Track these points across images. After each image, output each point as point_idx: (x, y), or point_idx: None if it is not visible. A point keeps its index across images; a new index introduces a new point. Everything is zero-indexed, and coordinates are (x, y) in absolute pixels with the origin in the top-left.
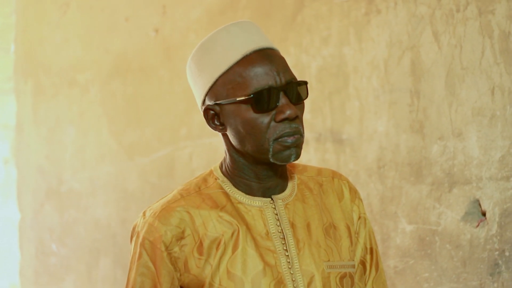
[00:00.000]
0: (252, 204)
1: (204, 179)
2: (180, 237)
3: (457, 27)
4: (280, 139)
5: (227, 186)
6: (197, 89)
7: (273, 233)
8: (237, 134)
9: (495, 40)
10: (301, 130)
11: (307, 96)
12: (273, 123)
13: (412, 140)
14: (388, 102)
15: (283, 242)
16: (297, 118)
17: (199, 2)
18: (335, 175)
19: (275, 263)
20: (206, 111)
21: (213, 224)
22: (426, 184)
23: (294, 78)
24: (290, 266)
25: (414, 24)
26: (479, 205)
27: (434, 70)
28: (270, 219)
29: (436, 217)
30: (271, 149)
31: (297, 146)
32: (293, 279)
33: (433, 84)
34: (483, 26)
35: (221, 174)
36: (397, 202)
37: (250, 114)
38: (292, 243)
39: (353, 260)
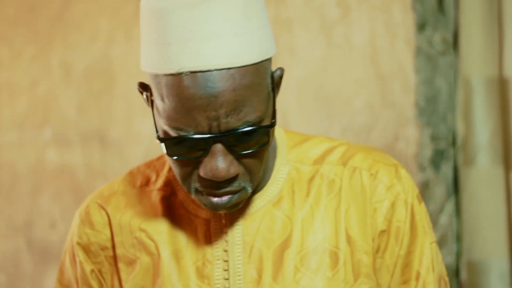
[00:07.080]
0: (197, 214)
1: (158, 170)
2: (104, 246)
3: None
4: (202, 194)
5: (176, 183)
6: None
7: (215, 260)
8: None
9: None
10: (238, 188)
11: (268, 141)
12: (196, 172)
13: None
14: None
15: (226, 278)
16: (237, 176)
17: None
18: (366, 164)
19: None
20: (140, 89)
21: (131, 242)
22: None
23: (246, 122)
24: None
25: None
26: None
27: None
28: (214, 238)
29: None
30: (193, 196)
31: (229, 207)
32: None
33: None
34: None
35: None
36: None
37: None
38: (239, 279)
39: None
